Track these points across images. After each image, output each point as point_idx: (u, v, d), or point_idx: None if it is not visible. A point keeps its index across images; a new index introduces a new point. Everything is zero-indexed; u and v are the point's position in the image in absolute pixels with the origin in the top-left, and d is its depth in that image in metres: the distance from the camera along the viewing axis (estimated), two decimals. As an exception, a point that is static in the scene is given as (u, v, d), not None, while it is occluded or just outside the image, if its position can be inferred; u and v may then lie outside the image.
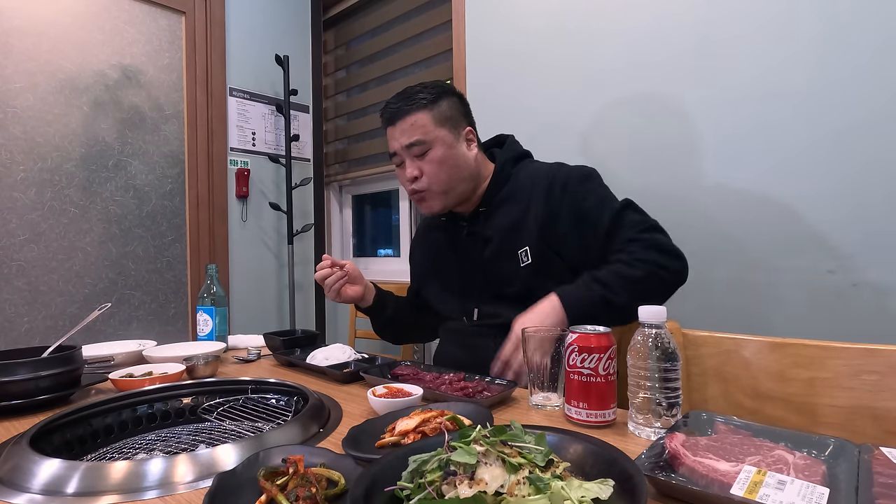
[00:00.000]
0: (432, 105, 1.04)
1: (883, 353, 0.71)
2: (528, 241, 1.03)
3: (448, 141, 1.05)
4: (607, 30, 1.50)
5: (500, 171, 1.11)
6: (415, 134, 1.03)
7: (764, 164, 1.23)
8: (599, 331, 0.68)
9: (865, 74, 1.10)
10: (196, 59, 2.23)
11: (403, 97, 1.06)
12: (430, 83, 1.09)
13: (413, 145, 1.03)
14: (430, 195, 1.07)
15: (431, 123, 1.04)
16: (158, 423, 0.80)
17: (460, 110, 1.09)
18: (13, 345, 1.80)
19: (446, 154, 1.04)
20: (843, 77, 1.12)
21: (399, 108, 1.05)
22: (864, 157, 1.10)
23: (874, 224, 1.09)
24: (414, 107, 1.04)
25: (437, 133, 1.04)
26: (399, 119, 1.05)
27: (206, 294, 1.27)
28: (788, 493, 0.44)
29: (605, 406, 0.67)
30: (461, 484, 0.40)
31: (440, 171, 1.04)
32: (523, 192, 1.07)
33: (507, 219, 1.07)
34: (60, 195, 1.91)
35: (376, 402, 0.73)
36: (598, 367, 0.67)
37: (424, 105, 1.04)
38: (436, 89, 1.06)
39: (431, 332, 1.36)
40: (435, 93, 1.05)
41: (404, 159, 1.07)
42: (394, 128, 1.06)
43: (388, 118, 1.07)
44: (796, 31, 1.18)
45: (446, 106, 1.06)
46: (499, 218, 1.08)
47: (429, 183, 1.05)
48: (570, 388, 0.69)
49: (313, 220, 2.55)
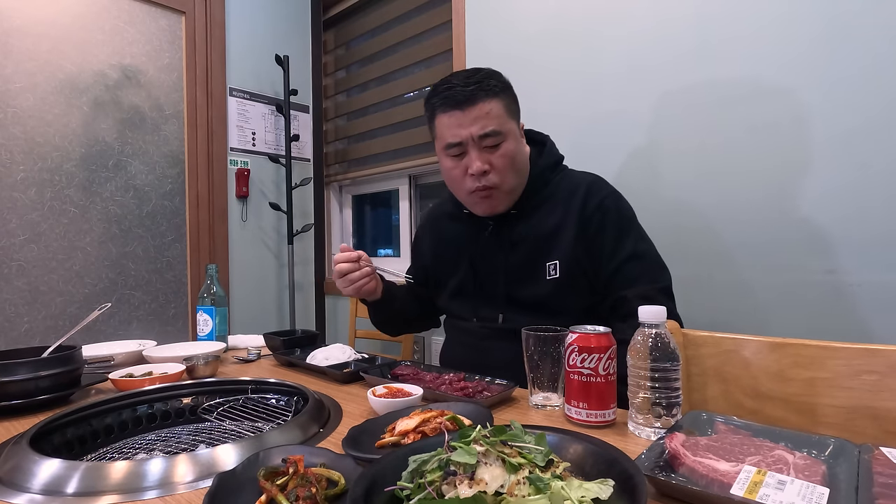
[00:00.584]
0: (503, 94, 0.95)
1: (883, 353, 0.71)
2: (558, 254, 0.98)
3: (516, 135, 0.97)
4: (607, 31, 1.50)
5: (538, 176, 1.03)
6: (490, 123, 0.93)
7: (764, 165, 1.23)
8: (599, 331, 0.68)
9: (867, 76, 1.10)
10: (196, 59, 2.23)
11: (473, 80, 0.94)
12: (488, 70, 0.97)
13: (487, 136, 0.93)
14: (499, 193, 0.98)
15: (504, 114, 0.95)
16: (158, 423, 0.80)
17: (517, 102, 1.01)
18: (13, 345, 1.80)
19: (516, 149, 0.96)
20: (844, 78, 1.12)
21: (472, 92, 0.92)
22: (865, 157, 1.10)
23: (874, 224, 1.09)
24: (488, 93, 0.93)
25: (510, 125, 0.96)
26: (471, 105, 0.92)
27: (206, 294, 1.27)
28: (788, 493, 0.44)
29: (605, 406, 0.67)
30: (461, 484, 0.40)
31: (511, 166, 0.96)
32: (562, 201, 1.01)
33: (539, 227, 1.01)
34: (60, 195, 1.91)
35: (376, 402, 0.73)
36: (598, 367, 0.67)
37: (497, 92, 0.94)
38: (500, 78, 0.97)
39: (431, 324, 1.32)
40: (501, 81, 0.96)
41: (468, 150, 0.96)
42: (462, 113, 0.93)
43: (454, 101, 0.94)
44: (797, 33, 1.18)
45: (510, 97, 0.98)
46: (531, 225, 1.02)
47: (500, 179, 0.96)
48: (570, 388, 0.69)
49: (313, 220, 2.55)
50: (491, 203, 1.00)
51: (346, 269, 1.01)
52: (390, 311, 1.17)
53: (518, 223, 1.03)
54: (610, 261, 0.96)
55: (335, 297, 2.54)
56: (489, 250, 1.06)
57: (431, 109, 1.00)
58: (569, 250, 0.98)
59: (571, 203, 1.00)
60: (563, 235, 0.99)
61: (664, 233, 1.37)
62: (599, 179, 1.04)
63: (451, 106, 0.94)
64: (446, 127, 0.96)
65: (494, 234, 1.05)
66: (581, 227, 0.98)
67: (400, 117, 2.20)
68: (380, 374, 0.94)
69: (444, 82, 0.97)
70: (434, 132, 1.02)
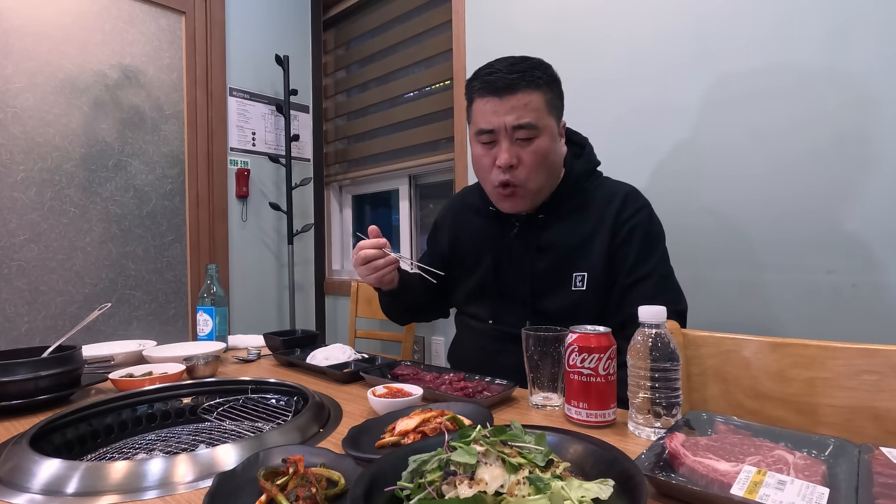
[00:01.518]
0: (547, 87, 0.92)
1: (883, 353, 0.71)
2: (587, 266, 0.95)
3: (553, 133, 0.93)
4: (606, 32, 1.50)
5: (574, 182, 0.99)
6: (526, 115, 0.89)
7: (763, 166, 1.23)
8: (599, 331, 0.68)
9: (866, 76, 1.10)
10: (196, 59, 2.23)
11: (517, 69, 0.90)
12: (537, 60, 0.93)
13: (522, 127, 0.90)
14: (523, 192, 0.94)
15: (544, 108, 0.91)
16: (158, 423, 0.80)
17: (561, 99, 0.97)
18: (13, 345, 1.80)
19: (550, 147, 0.92)
20: (843, 78, 1.12)
21: (513, 80, 0.89)
22: (865, 157, 1.10)
23: (874, 224, 1.09)
24: (531, 84, 0.89)
25: (548, 121, 0.92)
26: (511, 93, 0.89)
27: (206, 294, 1.27)
28: (788, 493, 0.44)
29: (605, 406, 0.67)
30: (461, 484, 0.40)
31: (541, 164, 0.92)
32: (595, 211, 0.97)
33: (571, 235, 0.97)
34: (60, 195, 1.91)
35: (376, 402, 0.73)
36: (598, 367, 0.67)
37: (540, 84, 0.90)
38: (548, 70, 0.93)
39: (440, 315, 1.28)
40: (548, 74, 0.92)
41: (499, 140, 0.92)
42: (499, 101, 0.90)
43: (493, 87, 0.91)
44: (797, 33, 1.18)
45: (555, 92, 0.94)
46: (561, 231, 0.98)
47: (526, 177, 0.92)
48: (570, 388, 0.69)
49: (313, 220, 2.55)
50: (514, 202, 0.97)
51: (373, 255, 0.97)
52: (403, 301, 1.13)
53: (547, 228, 1.00)
54: (629, 275, 0.93)
55: (335, 297, 2.54)
56: (514, 253, 1.02)
57: (471, 93, 0.96)
58: (598, 262, 0.95)
59: (606, 213, 0.96)
60: (594, 247, 0.95)
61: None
62: (636, 192, 1.01)
63: (489, 92, 0.91)
64: (481, 113, 0.93)
65: (520, 237, 1.02)
66: (612, 237, 0.95)
67: (400, 117, 2.20)
68: (380, 374, 0.94)
69: (487, 66, 0.94)
70: (470, 116, 0.98)
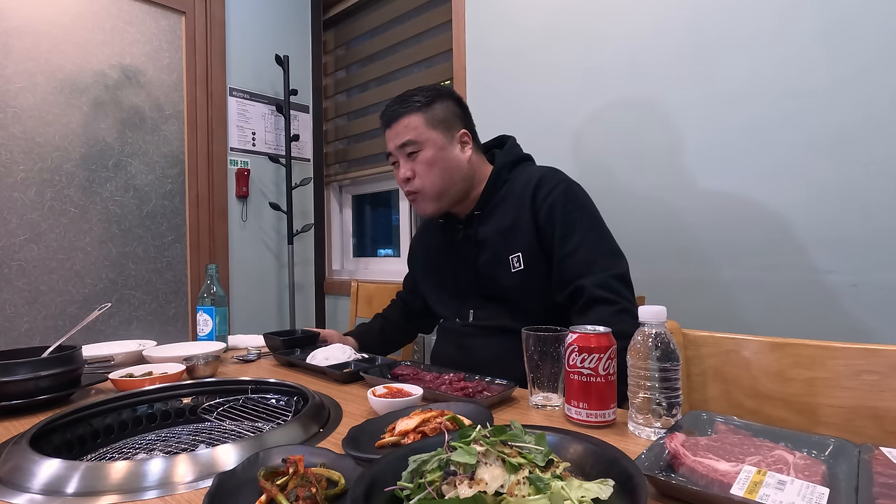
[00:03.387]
0: (426, 108, 1.07)
1: (883, 353, 0.71)
2: (519, 247, 1.04)
3: (439, 143, 1.07)
4: (607, 31, 1.50)
5: (496, 175, 1.11)
6: (406, 135, 1.07)
7: (763, 165, 1.23)
8: (599, 331, 0.68)
9: (865, 75, 1.10)
10: (196, 59, 2.23)
11: (399, 100, 1.10)
12: (427, 87, 1.12)
13: (405, 145, 1.07)
14: (423, 197, 1.10)
15: (424, 125, 1.07)
16: (158, 423, 0.80)
17: (455, 113, 1.11)
18: (13, 345, 1.80)
19: (436, 156, 1.07)
20: (842, 78, 1.12)
21: (395, 110, 1.09)
22: (865, 157, 1.10)
23: (874, 224, 1.09)
24: (408, 109, 1.07)
25: (429, 135, 1.07)
26: (394, 121, 1.08)
27: (206, 294, 1.27)
28: (788, 493, 0.44)
29: (605, 406, 0.67)
30: (461, 484, 0.40)
31: (430, 171, 1.07)
32: (517, 197, 1.07)
33: (499, 224, 1.08)
34: (60, 195, 1.91)
35: (376, 402, 0.72)
36: (598, 367, 0.67)
37: (418, 108, 1.07)
38: (431, 92, 1.10)
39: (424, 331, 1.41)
40: (430, 96, 1.09)
41: (399, 160, 1.10)
42: (390, 130, 1.10)
43: (385, 121, 1.11)
44: (796, 32, 1.18)
45: (440, 108, 1.08)
46: (492, 223, 1.09)
47: (421, 184, 1.08)
48: (570, 388, 0.69)
49: (313, 220, 2.55)
50: (420, 206, 1.11)
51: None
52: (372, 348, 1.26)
53: (482, 223, 1.11)
54: (561, 248, 1.00)
55: (335, 297, 2.54)
56: (461, 253, 1.14)
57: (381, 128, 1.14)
58: (529, 241, 1.03)
59: (524, 197, 1.05)
60: (522, 227, 1.04)
61: (664, 233, 1.37)
62: (552, 171, 1.08)
63: (384, 125, 1.12)
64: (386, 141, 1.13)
65: (466, 237, 1.13)
66: (534, 218, 1.03)
67: (400, 117, 2.20)
68: (380, 374, 0.94)
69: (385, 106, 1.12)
70: None
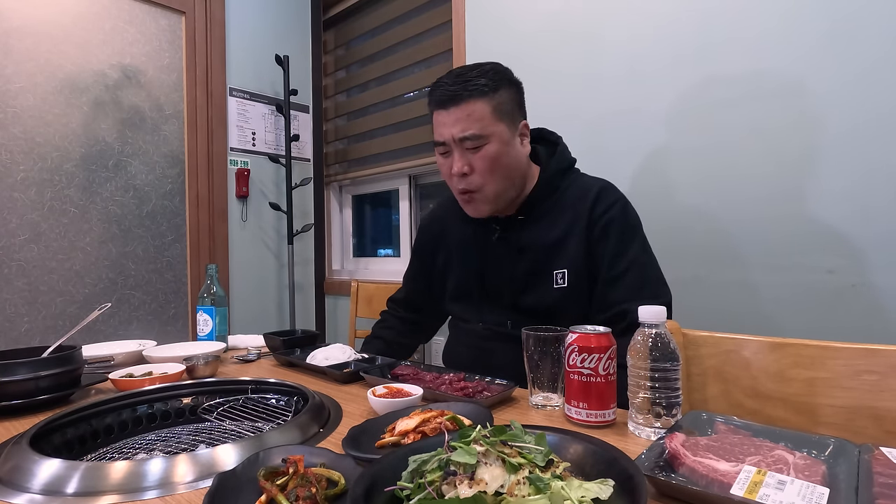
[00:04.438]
0: (492, 94, 0.93)
1: (883, 353, 0.71)
2: (566, 263, 0.97)
3: (505, 137, 0.95)
4: (607, 32, 1.50)
5: (548, 181, 1.01)
6: (471, 126, 0.92)
7: (763, 165, 1.23)
8: (599, 331, 0.68)
9: (868, 77, 1.10)
10: (196, 59, 2.23)
11: (460, 80, 0.93)
12: (486, 66, 0.96)
13: (467, 139, 0.93)
14: (482, 198, 0.97)
15: (490, 115, 0.93)
16: (158, 423, 0.80)
17: (517, 100, 0.99)
18: (13, 345, 1.80)
19: (501, 151, 0.94)
20: (844, 79, 1.12)
21: (455, 92, 0.92)
22: (865, 157, 1.10)
23: (874, 224, 1.09)
24: (473, 93, 0.92)
25: (495, 128, 0.93)
26: (453, 104, 0.93)
27: (206, 294, 1.27)
28: (788, 493, 0.44)
29: (605, 406, 0.67)
30: (461, 484, 0.40)
31: (494, 169, 0.95)
32: (569, 208, 0.99)
33: (547, 234, 0.99)
34: (60, 195, 1.91)
35: (376, 402, 0.72)
36: (599, 367, 0.67)
37: (484, 93, 0.92)
38: (494, 75, 0.95)
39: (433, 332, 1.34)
40: (494, 80, 0.94)
41: (452, 150, 0.96)
42: (446, 113, 0.94)
43: (439, 101, 0.95)
44: (800, 33, 1.18)
45: (506, 95, 0.95)
46: (537, 231, 1.00)
47: (481, 183, 0.95)
48: (570, 388, 0.69)
49: (313, 220, 2.55)
50: (475, 207, 0.99)
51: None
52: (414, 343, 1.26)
53: (525, 229, 1.01)
54: (610, 269, 0.94)
55: (335, 297, 2.54)
56: (494, 255, 1.04)
57: (429, 105, 1.00)
58: (577, 259, 0.96)
59: (580, 211, 0.98)
60: (571, 243, 0.97)
61: (664, 233, 1.37)
62: (610, 186, 1.02)
63: (437, 105, 0.96)
64: (435, 125, 0.97)
65: (502, 239, 1.04)
66: (587, 233, 0.96)
67: (400, 117, 2.20)
68: (380, 374, 0.94)
69: (438, 79, 0.97)
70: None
